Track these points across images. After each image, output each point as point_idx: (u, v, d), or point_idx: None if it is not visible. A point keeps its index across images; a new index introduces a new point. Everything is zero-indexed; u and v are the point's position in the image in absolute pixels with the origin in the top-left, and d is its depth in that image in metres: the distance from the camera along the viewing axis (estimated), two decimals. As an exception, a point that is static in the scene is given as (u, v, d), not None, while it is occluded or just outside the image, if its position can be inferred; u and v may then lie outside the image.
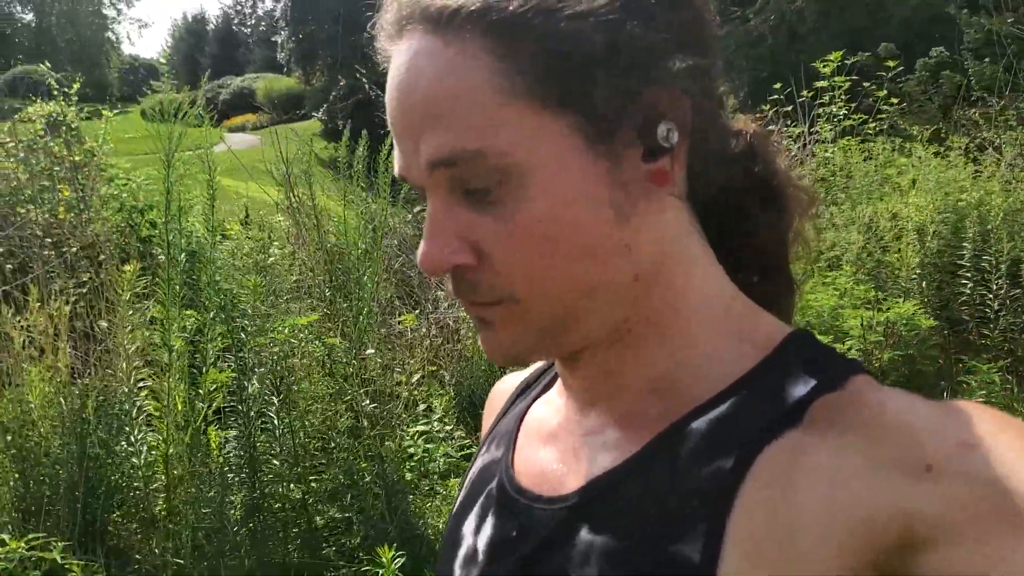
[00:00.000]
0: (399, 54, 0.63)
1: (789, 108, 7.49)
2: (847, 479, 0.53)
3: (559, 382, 0.79)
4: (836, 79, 7.38)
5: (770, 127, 0.71)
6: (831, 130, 7.25)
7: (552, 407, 0.79)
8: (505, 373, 0.99)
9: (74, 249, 8.73)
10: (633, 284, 0.65)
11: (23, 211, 9.02)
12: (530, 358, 0.70)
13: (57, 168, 9.54)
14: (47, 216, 9.18)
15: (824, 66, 7.44)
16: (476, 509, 0.76)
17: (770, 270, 0.75)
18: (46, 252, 8.79)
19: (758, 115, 0.79)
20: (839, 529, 0.52)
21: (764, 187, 0.73)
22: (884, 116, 7.66)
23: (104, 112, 10.37)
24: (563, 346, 0.68)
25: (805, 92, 7.55)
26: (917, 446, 0.52)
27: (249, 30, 61.21)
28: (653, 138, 0.62)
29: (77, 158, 9.61)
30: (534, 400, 0.83)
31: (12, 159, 9.76)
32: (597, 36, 0.59)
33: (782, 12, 17.04)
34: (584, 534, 0.64)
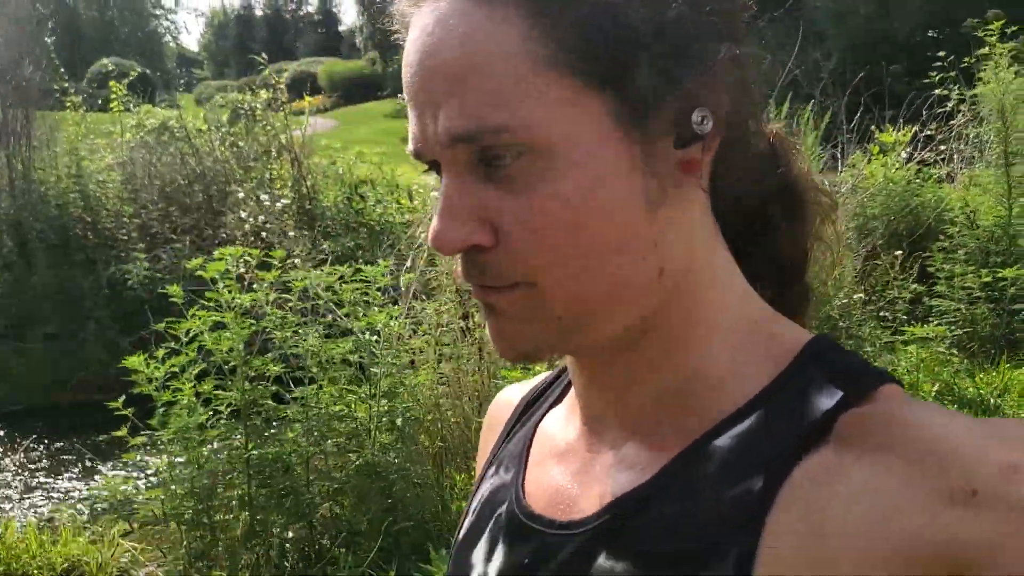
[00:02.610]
0: (421, 16, 0.59)
1: (952, 73, 8.37)
2: (885, 506, 0.51)
3: (570, 394, 0.76)
4: (1000, 46, 8.25)
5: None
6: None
7: (564, 421, 0.75)
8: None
9: (291, 223, 9.82)
10: (658, 281, 0.62)
11: (236, 188, 10.09)
12: (542, 354, 0.65)
13: (272, 150, 10.58)
14: (262, 192, 10.25)
15: (987, 35, 8.31)
16: (486, 535, 0.73)
17: (789, 282, 0.72)
18: (269, 225, 9.89)
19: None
20: (878, 560, 0.50)
21: (786, 191, 0.71)
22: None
23: (307, 99, 11.40)
24: (578, 344, 0.64)
25: (968, 59, 8.44)
26: (960, 469, 0.50)
27: (289, 16, 62.24)
28: (687, 125, 0.58)
29: (285, 140, 10.63)
30: (543, 416, 0.79)
31: (226, 142, 10.82)
32: (643, 14, 0.56)
33: (872, -18, 17.76)
34: (602, 561, 0.61)
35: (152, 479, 4.40)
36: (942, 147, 8.00)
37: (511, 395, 0.88)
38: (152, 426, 3.20)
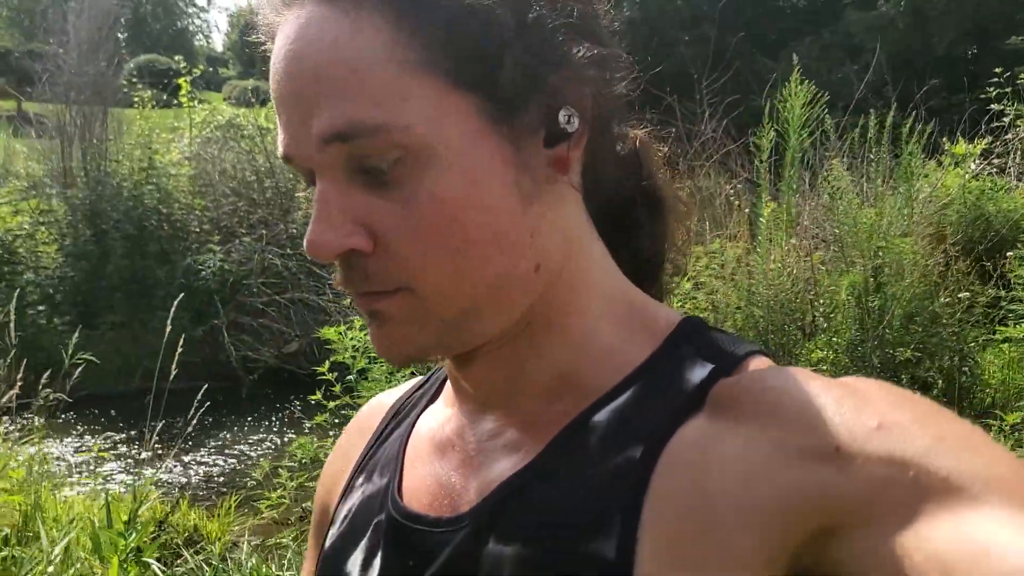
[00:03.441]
0: (287, 24, 0.59)
1: (994, 92, 8.58)
2: (758, 467, 0.53)
3: (446, 390, 0.76)
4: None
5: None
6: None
7: (441, 417, 0.74)
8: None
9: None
10: (535, 275, 0.63)
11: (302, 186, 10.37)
12: (427, 356, 0.66)
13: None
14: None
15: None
16: (363, 545, 0.70)
17: (645, 279, 0.73)
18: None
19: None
20: (754, 519, 0.51)
21: (648, 194, 0.73)
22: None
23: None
24: (463, 342, 0.64)
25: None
26: (824, 429, 0.52)
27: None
28: (555, 123, 0.60)
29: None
30: (418, 417, 0.78)
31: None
32: (505, 15, 0.57)
33: (911, -4, 17.94)
34: (491, 547, 0.60)
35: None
36: (995, 160, 8.20)
37: (382, 400, 0.86)
38: (338, 393, 3.46)
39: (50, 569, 3.01)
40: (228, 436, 8.05)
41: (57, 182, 9.93)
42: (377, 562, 0.68)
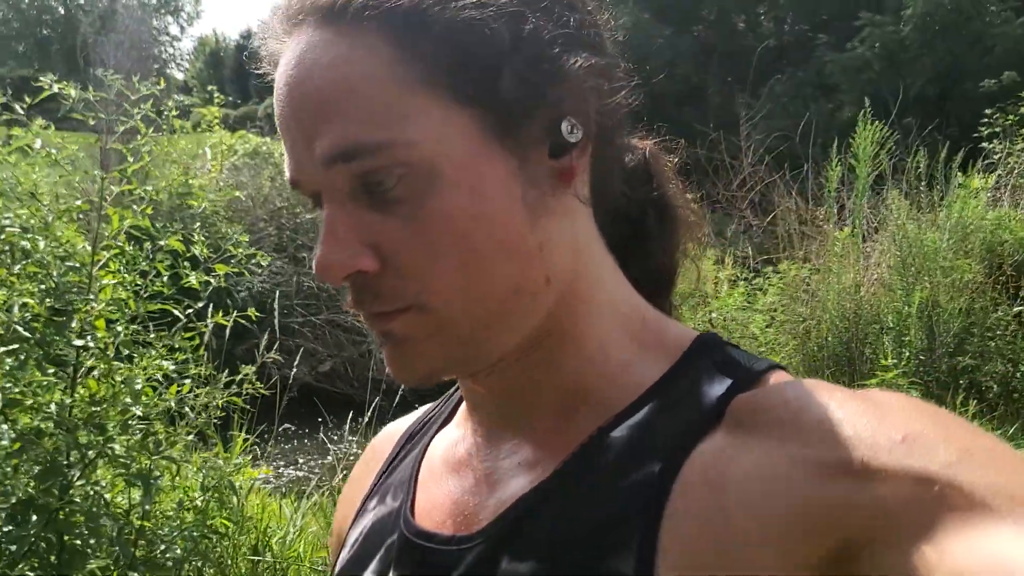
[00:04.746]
0: (288, 51, 0.60)
1: (986, 131, 9.32)
2: (777, 483, 0.52)
3: (460, 411, 0.76)
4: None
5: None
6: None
7: (455, 437, 0.75)
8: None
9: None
10: (546, 288, 0.62)
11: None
12: (442, 374, 0.65)
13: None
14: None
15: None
16: (374, 565, 0.71)
17: (658, 293, 0.73)
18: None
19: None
20: (774, 535, 0.51)
21: (658, 205, 0.73)
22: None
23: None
24: (477, 360, 0.64)
25: (1011, 116, 9.37)
26: (846, 443, 0.51)
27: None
28: (558, 134, 0.60)
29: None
30: (431, 439, 0.78)
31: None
32: (501, 27, 0.57)
33: (885, 40, 18.94)
34: (505, 566, 0.60)
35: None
36: (989, 194, 8.90)
37: (394, 428, 0.87)
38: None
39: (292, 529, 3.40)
40: (272, 448, 8.42)
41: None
42: None
